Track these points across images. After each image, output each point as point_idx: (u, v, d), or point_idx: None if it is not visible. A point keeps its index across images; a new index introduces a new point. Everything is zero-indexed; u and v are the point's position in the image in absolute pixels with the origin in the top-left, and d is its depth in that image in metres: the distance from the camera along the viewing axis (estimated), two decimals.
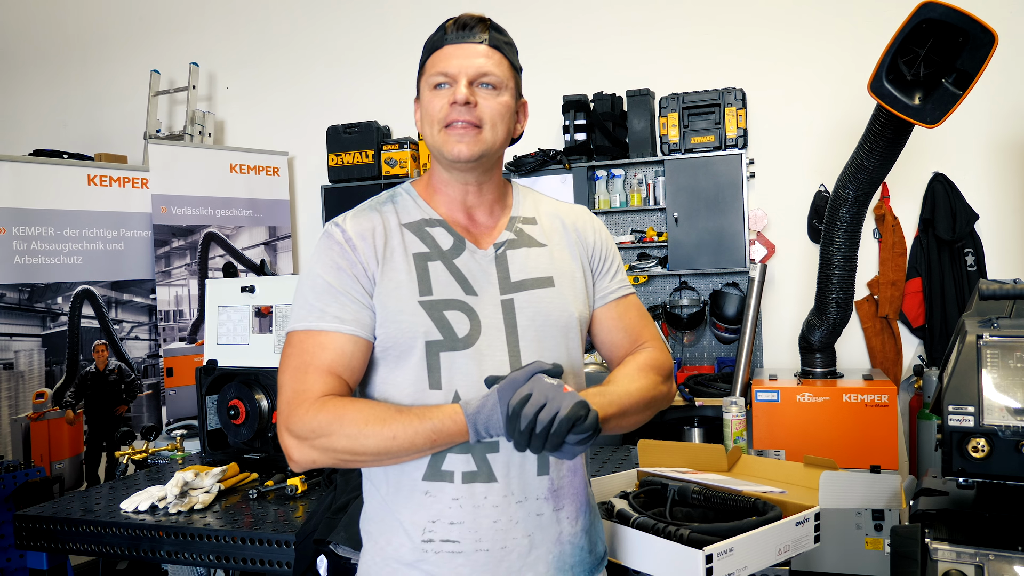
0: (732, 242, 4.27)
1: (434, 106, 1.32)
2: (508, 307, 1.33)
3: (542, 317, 1.35)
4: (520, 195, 1.47)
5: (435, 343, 1.28)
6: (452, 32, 1.33)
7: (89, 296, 4.41)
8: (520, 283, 1.36)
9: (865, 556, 2.01)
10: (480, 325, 1.31)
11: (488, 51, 1.32)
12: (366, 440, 1.21)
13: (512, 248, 1.38)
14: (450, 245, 1.35)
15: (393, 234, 1.34)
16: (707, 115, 4.29)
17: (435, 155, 1.36)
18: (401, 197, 1.41)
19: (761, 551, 1.53)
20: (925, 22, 2.70)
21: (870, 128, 3.09)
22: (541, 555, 1.32)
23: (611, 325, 1.47)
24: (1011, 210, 4.19)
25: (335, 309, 1.28)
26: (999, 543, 1.41)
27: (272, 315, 2.74)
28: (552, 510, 1.33)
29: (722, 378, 4.19)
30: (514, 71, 1.37)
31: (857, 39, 4.29)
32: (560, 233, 1.45)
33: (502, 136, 1.35)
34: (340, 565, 1.76)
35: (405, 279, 1.30)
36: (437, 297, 1.30)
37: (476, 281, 1.33)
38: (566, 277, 1.40)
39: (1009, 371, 1.46)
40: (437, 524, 1.28)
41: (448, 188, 1.39)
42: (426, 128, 1.35)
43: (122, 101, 5.68)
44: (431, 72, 1.33)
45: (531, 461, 1.31)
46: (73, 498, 2.45)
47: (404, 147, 4.86)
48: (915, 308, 4.29)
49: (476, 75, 1.31)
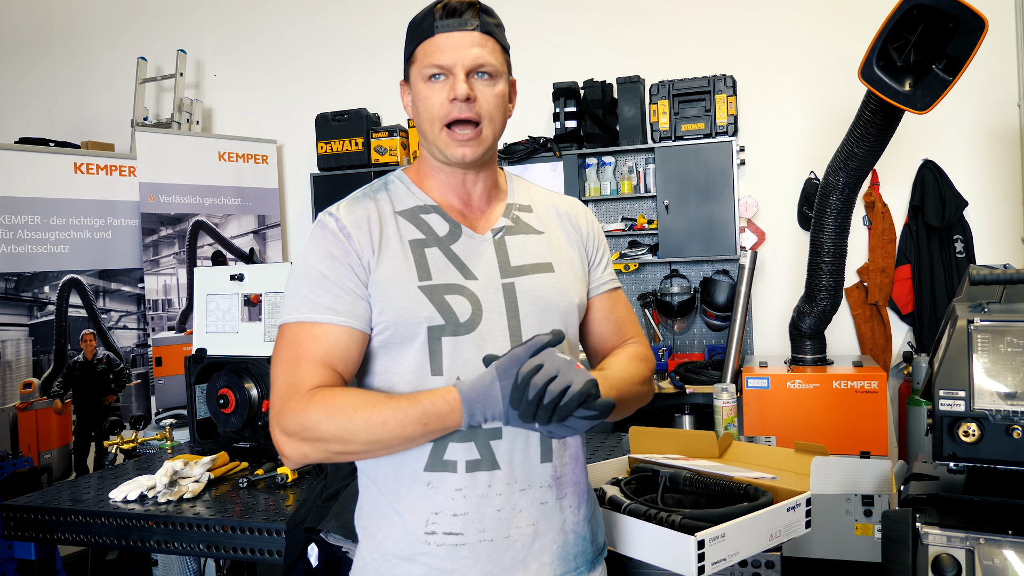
0: (722, 229, 4.27)
1: (432, 102, 1.29)
2: (509, 290, 1.32)
3: (544, 301, 1.34)
4: (513, 183, 1.46)
5: (437, 328, 1.26)
6: (442, 18, 1.28)
7: (76, 285, 4.38)
8: (520, 268, 1.35)
9: (855, 541, 2.02)
10: (481, 309, 1.29)
11: (482, 38, 1.29)
12: (355, 428, 1.19)
13: (510, 234, 1.37)
14: (446, 231, 1.34)
15: (388, 222, 1.32)
16: (697, 102, 4.29)
17: (431, 148, 1.34)
18: (394, 184, 1.39)
19: (753, 536, 1.53)
20: (915, 8, 2.70)
21: (860, 115, 3.09)
22: (545, 544, 1.31)
23: (602, 316, 1.48)
24: (1000, 197, 4.20)
25: (328, 300, 1.26)
26: (989, 527, 1.41)
27: (261, 303, 2.72)
28: (555, 498, 1.32)
29: (713, 365, 4.20)
30: (506, 54, 1.35)
31: (847, 25, 4.29)
32: (555, 221, 1.44)
33: (500, 128, 1.34)
34: (331, 553, 1.75)
35: (403, 265, 1.28)
36: (437, 282, 1.28)
37: (475, 266, 1.32)
38: (565, 264, 1.40)
39: (1000, 356, 1.46)
40: (440, 516, 1.27)
41: (442, 175, 1.37)
42: (424, 123, 1.32)
43: (109, 88, 5.63)
44: (424, 63, 1.29)
45: (534, 448, 1.30)
46: (61, 488, 2.44)
47: (394, 135, 4.84)
48: (905, 295, 4.31)
49: (473, 66, 1.28)
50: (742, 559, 1.53)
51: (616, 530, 1.60)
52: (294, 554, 1.86)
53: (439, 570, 1.27)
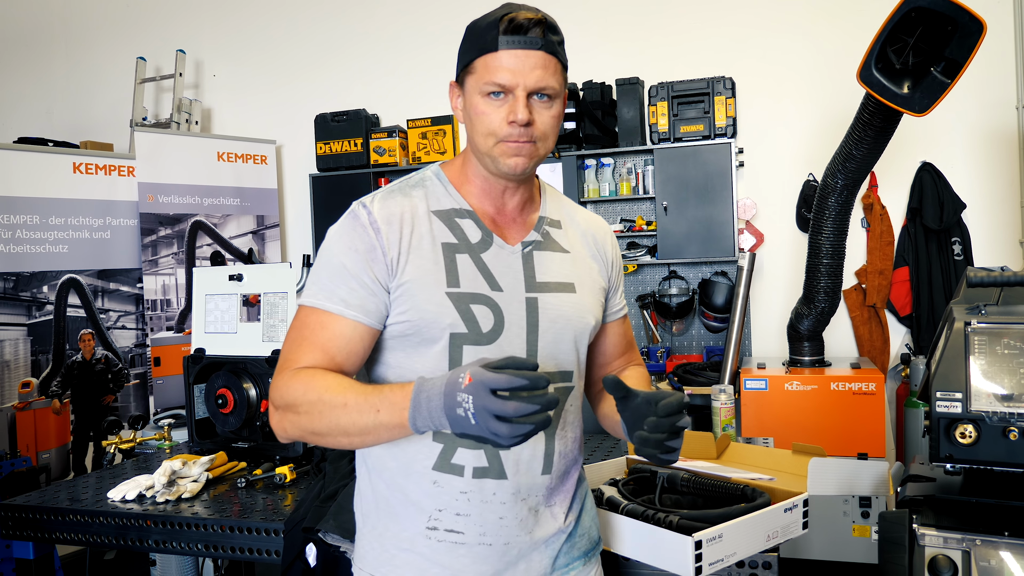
0: (721, 231, 4.27)
1: (490, 118, 1.26)
2: (532, 305, 1.33)
3: (563, 320, 1.35)
4: (546, 194, 1.46)
5: (460, 336, 1.27)
6: (507, 32, 1.24)
7: (75, 285, 4.37)
8: (545, 284, 1.36)
9: (853, 543, 2.02)
10: (504, 321, 1.30)
11: (545, 59, 1.26)
12: (323, 407, 1.20)
13: (539, 249, 1.38)
14: (478, 239, 1.34)
15: (421, 221, 1.31)
16: (696, 104, 4.29)
17: (481, 158, 1.32)
18: (431, 182, 1.38)
19: (750, 537, 1.53)
20: (914, 10, 2.70)
21: (859, 117, 3.09)
22: (540, 548, 1.35)
23: (615, 341, 1.55)
24: (998, 199, 4.21)
25: (343, 292, 1.27)
26: (985, 528, 1.42)
27: (260, 304, 2.72)
28: (549, 506, 1.36)
29: (711, 367, 4.20)
30: (565, 71, 1.32)
31: (847, 28, 4.29)
32: (581, 241, 1.46)
33: (552, 146, 1.33)
34: (329, 553, 1.76)
35: (432, 268, 1.29)
36: (464, 290, 1.29)
37: (502, 277, 1.32)
38: (586, 285, 1.42)
39: (996, 358, 1.47)
40: (444, 513, 1.29)
41: (484, 183, 1.36)
42: (477, 135, 1.29)
43: (108, 88, 5.63)
44: (484, 78, 1.26)
45: (538, 460, 1.32)
46: (60, 488, 2.44)
47: (393, 135, 4.84)
48: (903, 297, 4.31)
49: (534, 89, 1.25)
50: (739, 560, 1.53)
51: (614, 530, 1.60)
52: (292, 554, 1.86)
53: (436, 563, 1.29)
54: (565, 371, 1.37)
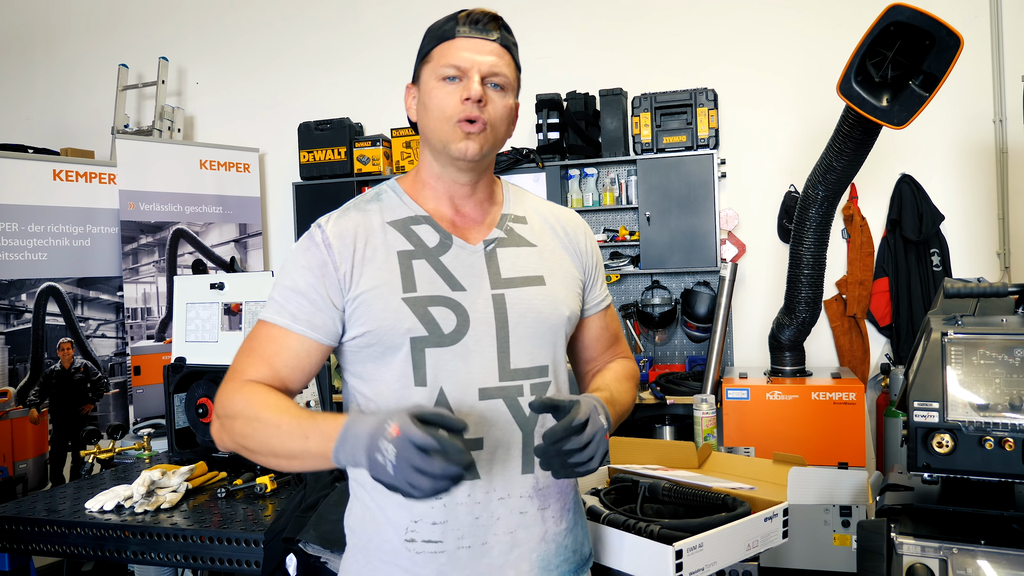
0: (703, 241, 4.30)
1: (445, 101, 1.30)
2: (499, 302, 1.33)
3: (533, 314, 1.35)
4: (510, 193, 1.47)
5: (420, 339, 1.27)
6: (464, 25, 1.32)
7: (54, 293, 4.33)
8: (511, 280, 1.35)
9: (833, 552, 2.03)
10: (468, 320, 1.30)
11: (499, 50, 1.33)
12: (257, 425, 1.22)
13: (502, 247, 1.38)
14: (436, 242, 1.34)
15: (375, 233, 1.33)
16: (679, 115, 4.32)
17: (433, 148, 1.35)
18: (386, 194, 1.39)
19: (730, 546, 1.54)
20: (893, 24, 2.74)
21: (839, 129, 3.12)
22: (524, 553, 1.33)
23: (597, 334, 1.52)
24: (975, 211, 4.26)
25: (293, 307, 1.30)
26: (962, 537, 1.43)
27: (242, 312, 2.71)
28: (537, 508, 1.34)
29: (693, 376, 4.22)
30: (518, 72, 1.37)
31: (827, 41, 4.34)
32: (550, 233, 1.45)
33: (502, 138, 1.36)
34: (309, 564, 1.74)
35: (387, 277, 1.29)
36: (421, 294, 1.29)
37: (463, 277, 1.33)
38: (557, 277, 1.41)
39: (973, 368, 1.48)
40: (419, 524, 1.29)
41: (439, 183, 1.37)
42: (431, 121, 1.32)
43: (89, 95, 5.59)
44: (440, 63, 1.31)
45: (515, 459, 1.31)
46: (37, 498, 2.41)
47: (376, 144, 4.84)
48: (882, 307, 4.35)
49: (488, 72, 1.30)
50: (720, 569, 1.54)
51: (595, 540, 1.60)
52: (272, 565, 1.85)
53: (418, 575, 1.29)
54: (540, 366, 1.35)
